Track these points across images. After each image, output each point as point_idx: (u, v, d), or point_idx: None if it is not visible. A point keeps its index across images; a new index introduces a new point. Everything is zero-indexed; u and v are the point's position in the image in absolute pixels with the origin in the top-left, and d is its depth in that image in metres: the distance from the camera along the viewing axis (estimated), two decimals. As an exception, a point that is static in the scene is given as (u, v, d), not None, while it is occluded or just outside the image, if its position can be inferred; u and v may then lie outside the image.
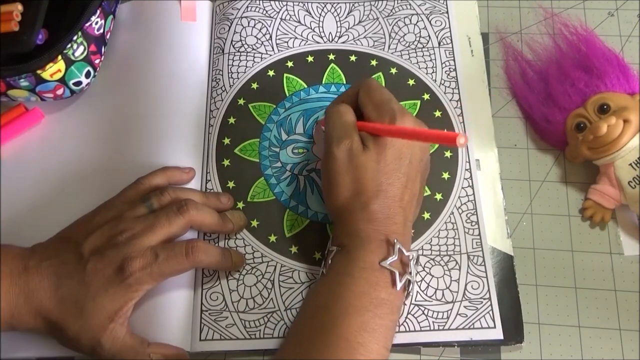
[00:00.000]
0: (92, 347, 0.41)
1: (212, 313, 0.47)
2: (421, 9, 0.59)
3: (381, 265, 0.41)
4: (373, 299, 0.40)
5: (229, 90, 0.55)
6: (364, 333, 0.39)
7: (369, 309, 0.40)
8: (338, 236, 0.44)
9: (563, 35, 0.57)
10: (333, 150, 0.43)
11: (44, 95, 0.50)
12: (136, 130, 0.52)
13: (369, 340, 0.39)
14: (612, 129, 0.48)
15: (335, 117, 0.45)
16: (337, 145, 0.43)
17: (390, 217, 0.42)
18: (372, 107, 0.45)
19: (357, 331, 0.39)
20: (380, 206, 0.42)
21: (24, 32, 0.47)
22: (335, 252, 0.43)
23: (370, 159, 0.42)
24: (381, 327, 0.40)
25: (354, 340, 0.38)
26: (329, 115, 0.46)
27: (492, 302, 0.47)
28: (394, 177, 0.43)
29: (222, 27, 0.58)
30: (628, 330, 0.47)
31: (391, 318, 0.41)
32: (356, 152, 0.43)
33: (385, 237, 0.42)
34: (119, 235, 0.42)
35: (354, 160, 0.43)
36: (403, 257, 0.42)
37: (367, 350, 0.38)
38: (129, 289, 0.41)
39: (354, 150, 0.43)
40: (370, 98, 0.45)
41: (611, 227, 0.50)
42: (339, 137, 0.44)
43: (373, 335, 0.39)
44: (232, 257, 0.47)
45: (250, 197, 0.51)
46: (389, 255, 0.41)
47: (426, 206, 0.50)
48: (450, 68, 0.56)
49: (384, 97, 0.45)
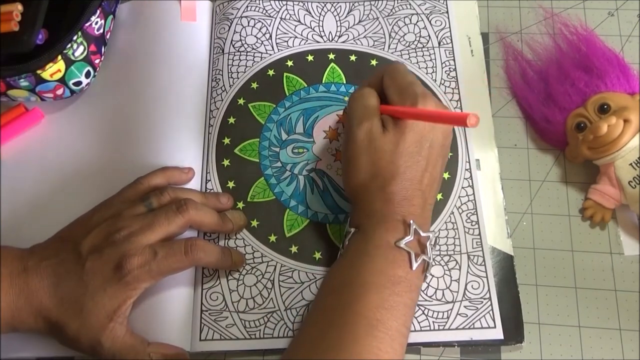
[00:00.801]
0: (92, 346, 0.41)
1: (212, 313, 0.47)
2: (421, 9, 0.59)
3: (396, 245, 0.41)
4: (390, 277, 0.40)
5: (229, 90, 0.55)
6: (383, 310, 0.39)
7: (387, 286, 0.39)
8: (355, 217, 0.44)
9: (563, 35, 0.57)
10: (354, 131, 0.44)
11: (44, 95, 0.50)
12: (136, 130, 0.52)
13: (387, 318, 0.39)
14: (612, 128, 0.48)
15: (358, 100, 0.46)
16: (357, 127, 0.44)
17: (408, 198, 0.42)
18: (394, 89, 0.45)
19: (375, 308, 0.39)
20: (397, 188, 0.42)
21: (24, 32, 0.47)
22: (353, 233, 0.43)
23: (389, 141, 0.43)
24: (399, 305, 0.39)
25: (373, 317, 0.38)
26: (352, 98, 0.46)
27: (492, 302, 0.47)
28: (413, 160, 0.43)
29: (222, 27, 0.58)
30: (628, 330, 0.47)
31: (410, 296, 0.40)
32: (375, 134, 0.43)
33: (402, 218, 0.42)
34: (117, 234, 0.42)
35: (373, 142, 0.43)
36: (420, 238, 0.42)
37: (385, 327, 0.38)
38: (127, 287, 0.41)
39: (373, 133, 0.43)
40: (393, 81, 0.45)
41: (611, 227, 0.50)
42: (360, 119, 0.44)
43: (391, 313, 0.39)
44: (232, 256, 0.47)
45: (250, 197, 0.51)
46: (405, 235, 0.41)
47: (426, 206, 0.50)
48: (450, 68, 0.56)
49: (407, 80, 0.45)
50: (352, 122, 0.45)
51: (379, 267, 0.40)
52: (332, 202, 0.51)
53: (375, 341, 0.38)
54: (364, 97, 0.45)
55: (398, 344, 0.39)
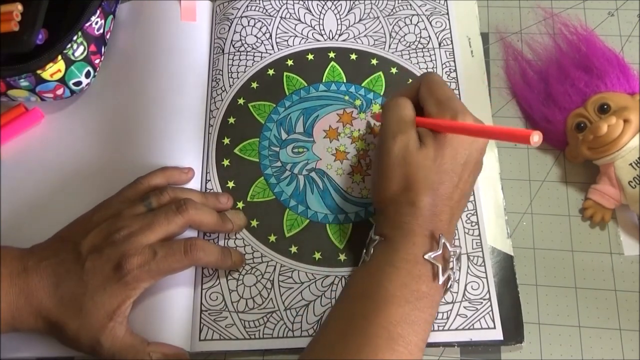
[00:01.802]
0: (92, 346, 0.41)
1: (212, 313, 0.47)
2: (421, 10, 0.59)
3: (425, 258, 0.40)
4: (414, 291, 0.40)
5: (229, 90, 0.55)
6: (404, 324, 0.38)
7: (410, 301, 0.39)
8: (382, 226, 0.43)
9: (563, 35, 0.57)
10: (388, 144, 0.43)
11: (44, 95, 0.50)
12: (136, 130, 0.52)
13: (408, 332, 0.38)
14: (612, 128, 0.48)
15: (393, 110, 0.45)
16: (392, 139, 0.43)
17: (437, 214, 0.42)
18: (433, 102, 0.44)
19: (397, 322, 0.38)
20: (428, 203, 0.41)
21: (24, 32, 0.47)
22: (378, 241, 0.43)
23: (427, 157, 0.42)
24: (421, 320, 0.39)
25: (394, 330, 0.38)
26: (386, 108, 0.45)
27: (492, 303, 0.47)
28: (447, 176, 0.42)
29: (223, 27, 0.58)
30: (628, 330, 0.47)
31: (430, 312, 0.40)
32: (412, 149, 0.42)
33: (429, 232, 0.41)
34: (116, 233, 0.42)
35: (409, 157, 0.42)
36: (446, 252, 0.41)
37: (406, 341, 0.38)
38: (126, 286, 0.41)
39: (410, 147, 0.42)
40: (431, 93, 0.44)
41: (611, 227, 0.50)
42: (395, 131, 0.43)
43: (413, 328, 0.39)
44: (232, 256, 0.47)
45: (250, 197, 0.51)
46: (433, 249, 0.41)
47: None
48: (451, 69, 0.56)
49: (447, 93, 0.44)
50: (386, 134, 0.44)
51: (403, 280, 0.40)
52: (332, 202, 0.50)
53: (395, 354, 0.38)
54: (400, 108, 0.44)
55: (416, 359, 0.39)
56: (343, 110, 0.54)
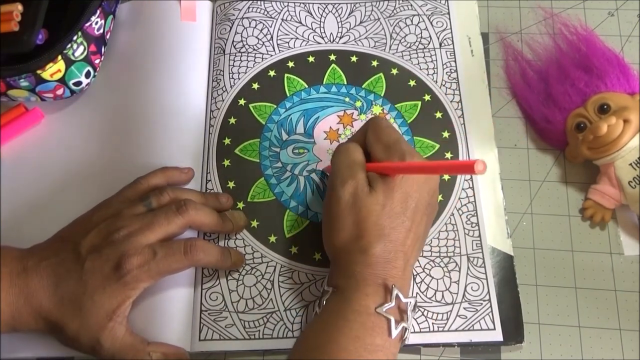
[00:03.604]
0: (92, 346, 0.41)
1: (212, 313, 0.47)
2: (422, 10, 0.59)
3: (377, 311, 0.39)
4: (367, 345, 0.38)
5: (230, 91, 0.55)
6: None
7: (363, 355, 0.38)
8: (334, 277, 0.42)
9: (563, 35, 0.57)
10: (337, 190, 0.42)
11: (44, 95, 0.50)
12: (136, 130, 0.52)
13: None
14: (612, 129, 0.48)
15: (342, 155, 0.44)
16: (341, 185, 0.42)
17: (390, 261, 0.40)
18: (380, 146, 0.43)
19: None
20: (380, 250, 0.40)
21: (24, 32, 0.47)
22: (330, 293, 0.42)
23: (376, 201, 0.41)
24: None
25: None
26: (336, 153, 0.45)
27: (491, 304, 0.46)
28: (398, 220, 0.41)
29: (223, 28, 0.58)
30: (628, 330, 0.47)
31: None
32: (361, 194, 0.41)
33: (382, 282, 0.40)
34: (116, 233, 0.42)
35: (358, 202, 0.41)
36: (401, 303, 0.40)
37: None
38: (126, 286, 0.41)
39: (358, 192, 0.41)
40: (378, 137, 0.44)
41: (611, 227, 0.50)
42: (345, 177, 0.42)
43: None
44: (232, 256, 0.47)
45: (250, 197, 0.51)
46: (386, 301, 0.39)
47: (426, 206, 0.50)
48: (452, 69, 0.56)
49: (393, 136, 0.43)
50: (336, 180, 0.43)
51: (356, 334, 0.38)
52: (332, 203, 0.50)
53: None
54: (349, 152, 0.44)
55: None
56: (344, 111, 0.54)
